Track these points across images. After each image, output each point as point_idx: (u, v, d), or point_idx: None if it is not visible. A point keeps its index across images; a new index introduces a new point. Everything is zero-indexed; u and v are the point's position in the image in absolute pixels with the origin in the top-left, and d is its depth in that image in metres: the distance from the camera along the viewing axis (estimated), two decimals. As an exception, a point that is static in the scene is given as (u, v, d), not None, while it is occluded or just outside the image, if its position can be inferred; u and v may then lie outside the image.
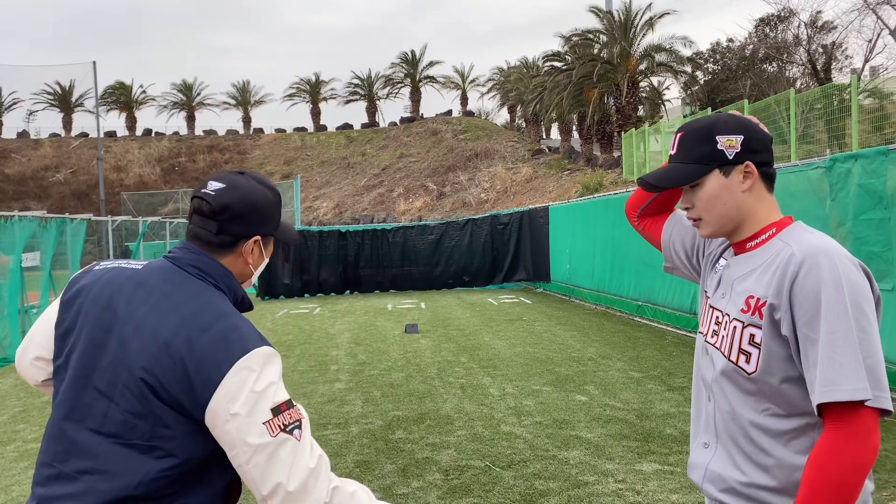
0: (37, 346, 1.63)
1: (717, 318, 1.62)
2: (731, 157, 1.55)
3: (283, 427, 1.38)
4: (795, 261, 1.43)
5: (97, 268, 1.60)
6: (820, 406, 1.38)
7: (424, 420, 6.13)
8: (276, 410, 1.39)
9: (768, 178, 1.59)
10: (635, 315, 12.53)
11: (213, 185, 1.58)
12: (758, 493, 1.50)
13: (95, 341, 1.46)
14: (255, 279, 1.70)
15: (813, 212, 7.18)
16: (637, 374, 7.72)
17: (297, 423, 1.41)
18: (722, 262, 1.71)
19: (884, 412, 1.36)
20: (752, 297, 1.51)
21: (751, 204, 1.57)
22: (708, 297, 1.71)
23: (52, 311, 1.60)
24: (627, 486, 4.39)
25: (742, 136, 1.55)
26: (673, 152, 1.63)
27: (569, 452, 5.10)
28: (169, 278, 1.51)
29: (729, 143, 1.55)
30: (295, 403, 1.45)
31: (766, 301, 1.47)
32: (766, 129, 1.62)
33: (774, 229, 1.56)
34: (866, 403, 1.34)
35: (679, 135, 1.63)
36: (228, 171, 1.65)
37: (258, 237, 1.60)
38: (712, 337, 1.63)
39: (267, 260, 1.68)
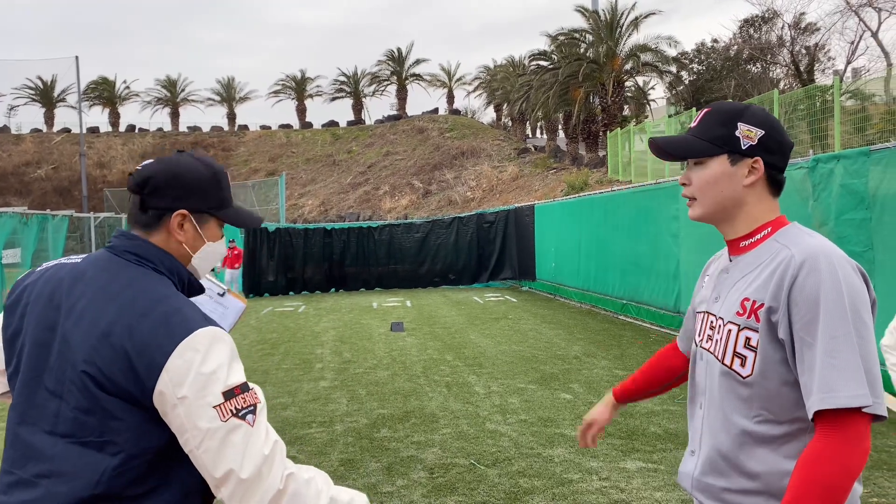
0: None
1: (712, 322, 1.59)
2: (743, 148, 1.51)
3: (234, 412, 1.34)
4: (795, 263, 1.40)
5: (39, 269, 1.56)
6: (815, 411, 1.36)
7: (409, 418, 6.12)
8: (229, 394, 1.34)
9: (775, 183, 1.55)
10: (620, 313, 12.59)
11: (145, 162, 1.54)
12: (746, 499, 1.49)
13: (41, 341, 1.42)
14: (203, 266, 1.59)
15: (796, 212, 7.24)
16: (621, 372, 7.75)
17: (251, 408, 1.37)
18: (706, 278, 1.71)
19: (876, 418, 1.35)
20: (747, 299, 1.48)
21: (748, 200, 1.54)
22: (697, 312, 1.71)
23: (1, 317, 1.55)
24: (611, 484, 4.41)
25: (763, 132, 1.51)
26: (693, 125, 1.60)
27: (553, 450, 5.11)
28: (107, 267, 1.47)
29: (747, 133, 1.51)
30: (251, 386, 1.40)
31: (763, 304, 1.44)
32: (789, 139, 1.59)
33: (769, 229, 1.53)
34: (864, 410, 1.32)
35: (706, 110, 1.59)
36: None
37: (184, 211, 1.52)
38: (707, 342, 1.61)
39: (212, 244, 1.59)
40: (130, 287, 1.42)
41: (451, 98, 50.35)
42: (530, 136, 43.84)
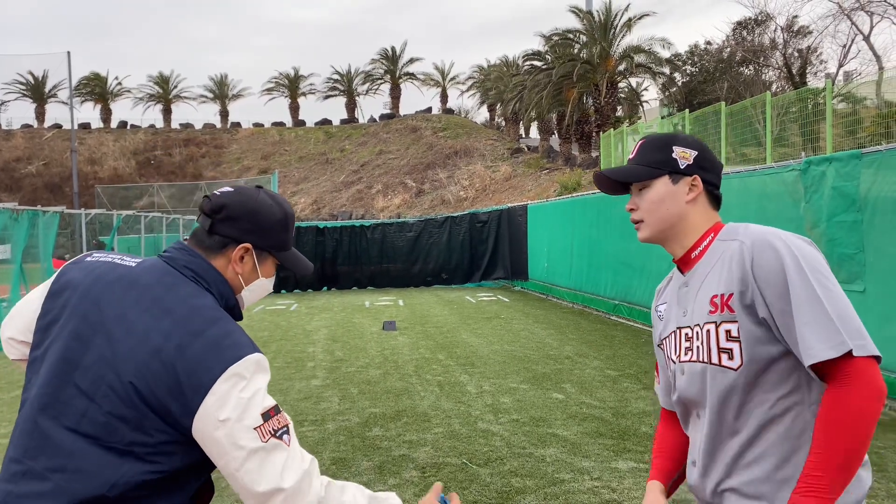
0: (13, 328, 1.62)
1: (687, 334, 1.63)
2: (682, 167, 1.65)
3: (273, 432, 1.39)
4: (747, 247, 1.50)
5: (89, 259, 1.57)
6: (819, 372, 1.42)
7: (401, 417, 6.12)
8: (266, 416, 1.39)
9: (714, 199, 1.68)
10: (612, 314, 12.62)
11: (223, 189, 1.61)
12: (764, 487, 1.50)
13: (80, 338, 1.43)
14: (250, 298, 1.65)
15: (787, 213, 7.27)
16: (613, 372, 7.77)
17: (286, 429, 1.42)
18: (662, 307, 1.77)
19: (876, 358, 1.41)
20: (715, 296, 1.54)
21: (692, 215, 1.65)
22: (665, 338, 1.74)
23: (37, 295, 1.57)
24: (603, 484, 4.42)
25: (697, 153, 1.66)
26: (632, 156, 1.74)
27: (545, 450, 5.12)
28: (162, 280, 1.49)
29: (683, 154, 1.66)
30: (280, 409, 1.45)
31: (731, 293, 1.51)
32: (719, 160, 1.73)
33: (712, 234, 1.64)
34: (854, 353, 1.38)
35: (641, 142, 1.74)
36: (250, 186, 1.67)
37: (248, 245, 1.57)
38: (686, 354, 1.63)
39: (265, 280, 1.64)
40: (185, 304, 1.45)
41: (444, 97, 50.33)
42: (523, 136, 43.85)
